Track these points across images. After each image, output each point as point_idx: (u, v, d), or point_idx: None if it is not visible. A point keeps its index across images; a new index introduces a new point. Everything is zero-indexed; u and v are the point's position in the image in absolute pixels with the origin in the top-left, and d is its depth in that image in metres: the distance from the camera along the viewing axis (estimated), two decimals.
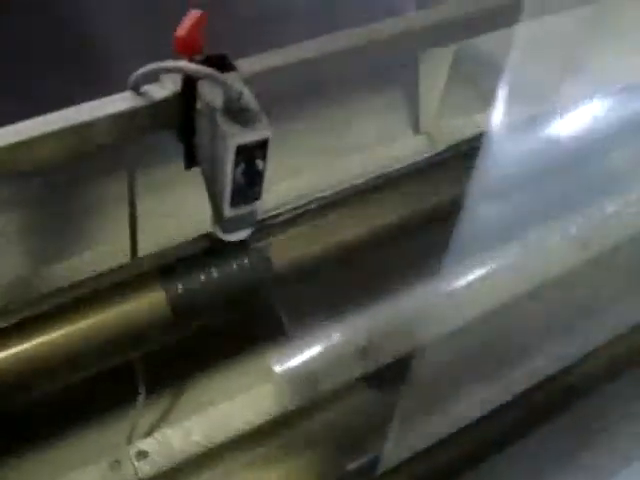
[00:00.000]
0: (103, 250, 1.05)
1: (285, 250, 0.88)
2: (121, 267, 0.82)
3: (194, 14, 0.63)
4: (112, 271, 0.83)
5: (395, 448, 0.80)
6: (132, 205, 0.73)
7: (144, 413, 0.92)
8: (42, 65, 1.12)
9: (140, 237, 0.82)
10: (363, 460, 0.81)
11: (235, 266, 0.82)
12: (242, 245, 0.76)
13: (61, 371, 0.90)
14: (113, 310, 0.81)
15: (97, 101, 0.64)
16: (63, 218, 1.12)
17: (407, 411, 0.79)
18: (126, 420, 0.92)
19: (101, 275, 0.85)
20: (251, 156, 0.61)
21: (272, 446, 0.85)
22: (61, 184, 1.09)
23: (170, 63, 0.61)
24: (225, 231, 0.73)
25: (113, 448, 0.87)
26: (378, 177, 1.00)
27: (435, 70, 1.21)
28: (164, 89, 0.63)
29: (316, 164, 1.23)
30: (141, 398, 0.86)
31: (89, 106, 0.62)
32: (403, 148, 1.31)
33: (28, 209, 1.12)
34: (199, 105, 0.62)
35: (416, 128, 1.38)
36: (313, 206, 0.93)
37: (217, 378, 1.02)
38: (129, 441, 0.85)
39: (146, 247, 0.84)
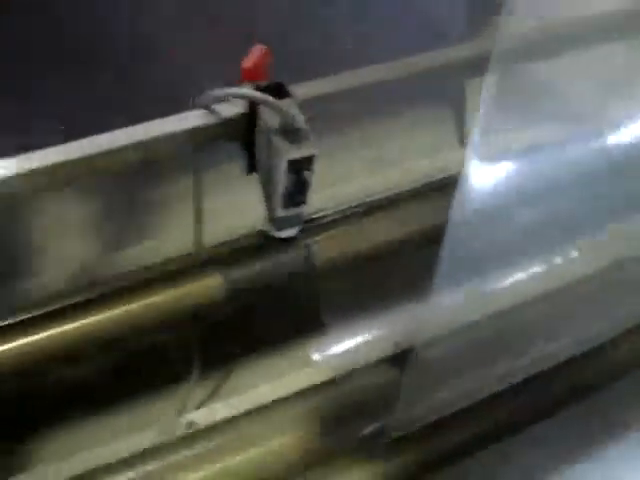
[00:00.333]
0: (166, 241, 1.16)
1: (327, 247, 1.01)
2: (187, 255, 0.95)
3: (259, 48, 0.76)
4: (179, 257, 0.97)
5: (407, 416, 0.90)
6: (198, 202, 0.86)
7: (195, 389, 1.02)
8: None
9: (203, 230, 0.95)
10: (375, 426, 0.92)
11: (283, 259, 0.95)
12: (290, 241, 0.89)
13: (130, 340, 1.04)
14: (178, 290, 0.93)
15: (175, 116, 0.77)
16: (131, 210, 1.23)
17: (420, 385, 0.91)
18: (179, 394, 1.02)
19: (170, 260, 0.98)
20: (300, 168, 0.73)
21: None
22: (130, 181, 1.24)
23: (237, 90, 0.74)
24: (277, 229, 0.86)
25: (166, 418, 0.97)
26: (416, 186, 1.12)
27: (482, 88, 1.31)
28: (232, 109, 0.76)
29: (364, 172, 1.35)
30: (194, 375, 0.99)
31: (169, 120, 0.75)
32: (449, 160, 1.40)
33: (100, 201, 1.22)
34: (260, 124, 0.75)
35: (462, 141, 1.48)
36: (355, 210, 1.08)
37: (261, 362, 1.10)
38: (180, 413, 0.96)
39: (208, 240, 0.96)
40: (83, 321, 0.94)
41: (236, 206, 0.97)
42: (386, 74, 0.98)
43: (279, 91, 0.77)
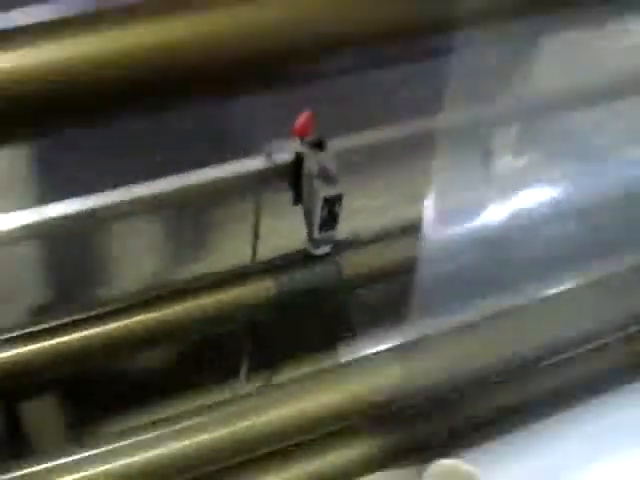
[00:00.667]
0: (226, 255, 1.38)
1: (354, 264, 1.27)
2: (244, 266, 1.21)
3: (307, 114, 1.02)
4: (238, 268, 1.23)
5: None
6: (257, 224, 1.12)
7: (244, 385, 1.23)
8: None
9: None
10: None
11: (318, 271, 1.18)
12: (324, 257, 1.14)
13: (188, 335, 1.25)
14: (233, 293, 1.16)
15: (245, 160, 1.04)
16: (193, 230, 1.45)
17: None
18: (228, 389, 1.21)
19: (229, 270, 1.24)
20: (332, 203, 0.99)
21: None
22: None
23: (289, 145, 1.01)
24: (314, 248, 1.11)
25: None
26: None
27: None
28: (286, 158, 1.03)
29: (393, 204, 1.58)
30: (243, 373, 1.22)
31: (242, 163, 1.02)
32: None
33: (166, 221, 1.45)
34: (304, 169, 1.02)
35: None
36: (378, 234, 1.33)
37: (299, 364, 1.27)
38: None
39: (261, 255, 1.18)
40: (149, 315, 1.14)
41: (284, 229, 1.17)
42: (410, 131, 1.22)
43: (319, 145, 1.04)
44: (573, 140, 1.52)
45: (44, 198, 1.11)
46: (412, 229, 1.24)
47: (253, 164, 1.01)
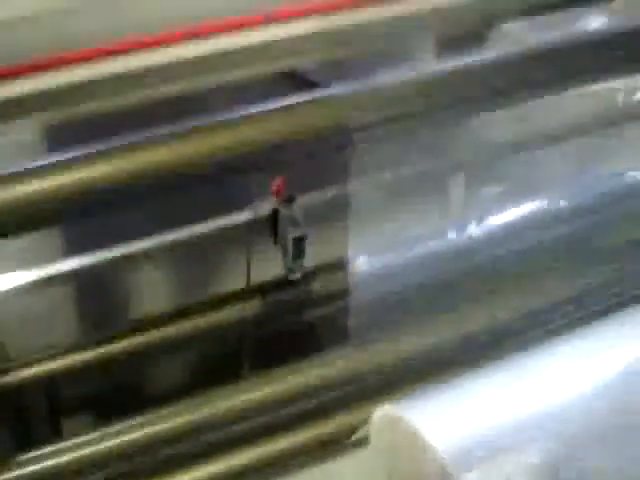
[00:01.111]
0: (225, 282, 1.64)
1: (322, 286, 1.59)
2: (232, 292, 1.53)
3: (280, 179, 1.42)
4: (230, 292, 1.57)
5: None
6: (248, 262, 1.51)
7: None
8: None
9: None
10: None
11: (294, 292, 1.48)
12: (296, 281, 1.52)
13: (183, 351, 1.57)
14: (225, 311, 1.45)
15: (228, 217, 1.42)
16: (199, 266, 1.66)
17: None
18: None
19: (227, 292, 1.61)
20: (299, 242, 1.39)
21: None
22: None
23: (267, 202, 1.41)
24: (289, 274, 1.50)
25: None
26: None
27: None
28: (266, 210, 1.43)
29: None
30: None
31: (236, 216, 1.41)
32: None
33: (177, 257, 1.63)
34: (279, 218, 1.41)
35: None
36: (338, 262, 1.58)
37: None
38: None
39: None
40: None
41: (268, 260, 1.48)
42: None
43: (290, 200, 1.44)
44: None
45: None
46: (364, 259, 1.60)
47: (242, 217, 1.41)
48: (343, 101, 1.17)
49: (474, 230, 1.56)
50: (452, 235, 1.58)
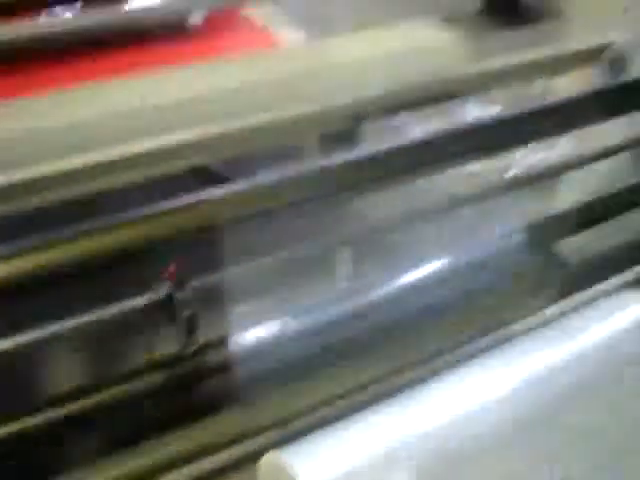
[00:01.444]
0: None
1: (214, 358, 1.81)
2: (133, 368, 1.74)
3: (173, 265, 1.61)
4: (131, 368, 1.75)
5: None
6: (148, 342, 1.68)
7: None
8: None
9: None
10: None
11: (189, 365, 1.68)
12: (190, 355, 1.68)
13: None
14: (127, 386, 1.53)
15: (127, 301, 1.60)
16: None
17: None
18: None
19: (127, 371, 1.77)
20: (192, 319, 1.57)
21: None
22: None
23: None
24: (184, 349, 1.67)
25: None
26: None
27: None
28: (161, 293, 1.61)
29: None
30: None
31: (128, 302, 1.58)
32: None
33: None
34: (174, 299, 1.59)
35: None
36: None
37: None
38: None
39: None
40: None
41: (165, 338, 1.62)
42: None
43: (183, 282, 1.62)
44: None
45: None
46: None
47: (141, 300, 1.58)
48: (227, 199, 1.37)
49: (359, 300, 1.70)
50: (337, 306, 1.70)
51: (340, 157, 1.41)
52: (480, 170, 1.90)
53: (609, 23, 1.63)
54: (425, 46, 1.36)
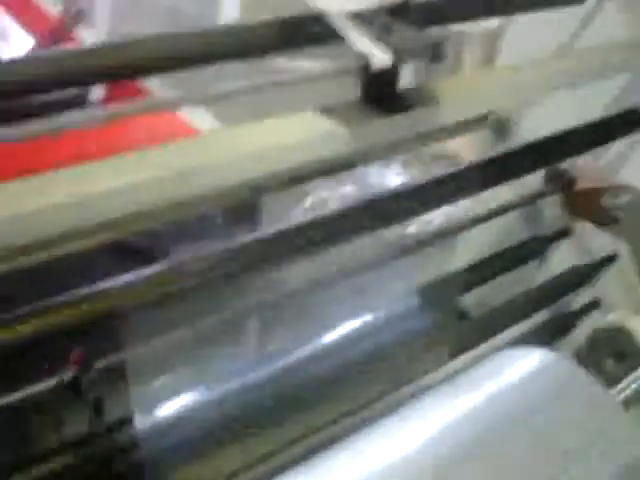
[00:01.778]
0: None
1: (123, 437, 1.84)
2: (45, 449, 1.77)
3: (78, 351, 1.64)
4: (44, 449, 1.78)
5: None
6: (57, 423, 1.71)
7: None
8: None
9: None
10: None
11: (99, 443, 1.69)
12: (99, 435, 1.72)
13: None
14: (42, 467, 1.55)
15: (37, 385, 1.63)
16: None
17: None
18: None
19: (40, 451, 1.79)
20: (99, 400, 1.61)
21: None
22: None
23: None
24: (92, 429, 1.70)
25: None
26: None
27: None
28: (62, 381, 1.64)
29: None
30: None
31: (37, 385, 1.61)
32: None
33: None
34: (81, 382, 1.63)
35: None
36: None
37: None
38: None
39: None
40: None
41: (74, 419, 1.64)
42: None
43: (89, 365, 1.66)
44: None
45: None
46: None
47: (49, 383, 1.61)
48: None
49: (270, 367, 1.75)
50: (249, 374, 1.75)
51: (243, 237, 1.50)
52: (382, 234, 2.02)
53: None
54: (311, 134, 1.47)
